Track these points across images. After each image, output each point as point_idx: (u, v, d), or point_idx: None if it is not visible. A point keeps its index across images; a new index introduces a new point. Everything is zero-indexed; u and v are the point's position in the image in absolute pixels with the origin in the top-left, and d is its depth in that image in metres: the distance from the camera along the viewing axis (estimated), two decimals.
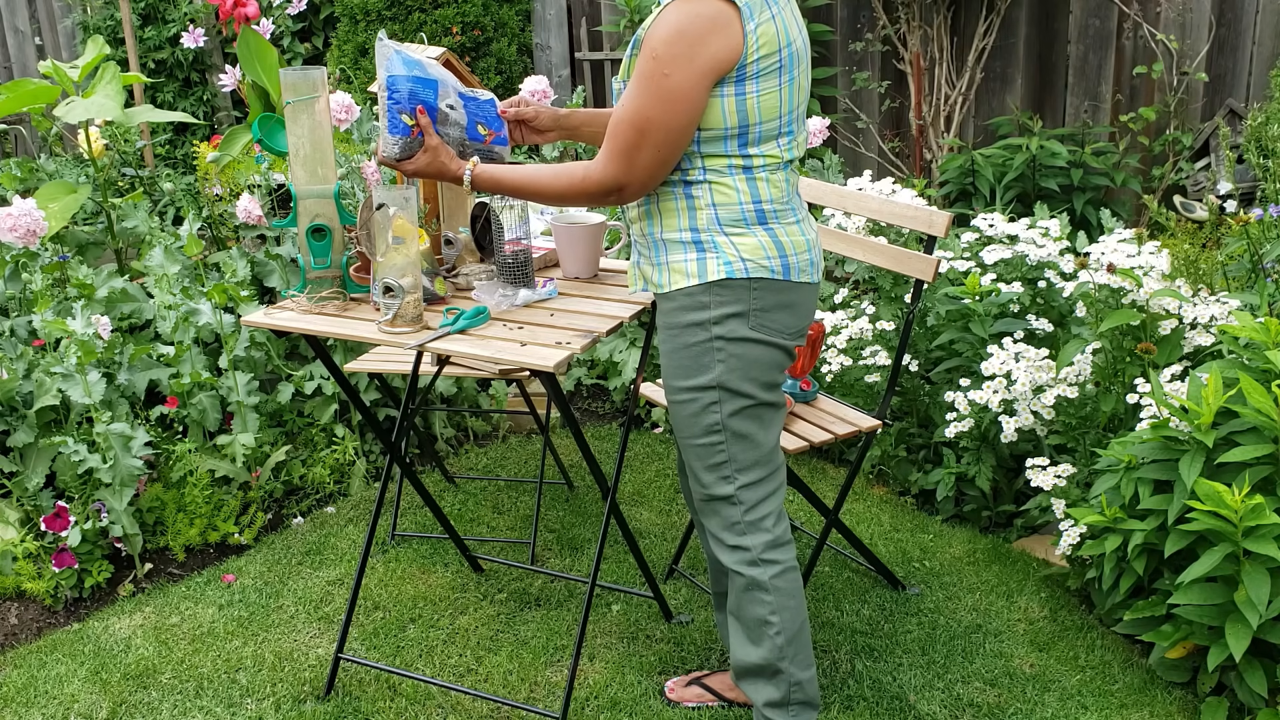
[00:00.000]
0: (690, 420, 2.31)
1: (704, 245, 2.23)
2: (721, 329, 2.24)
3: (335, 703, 2.78)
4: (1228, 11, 4.58)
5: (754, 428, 2.31)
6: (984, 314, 3.46)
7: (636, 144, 2.15)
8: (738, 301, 2.23)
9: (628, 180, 2.19)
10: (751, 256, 2.22)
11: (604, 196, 2.23)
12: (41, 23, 7.03)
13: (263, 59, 3.94)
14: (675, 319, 2.27)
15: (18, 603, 3.21)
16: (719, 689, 2.75)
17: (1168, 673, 2.77)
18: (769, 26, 2.14)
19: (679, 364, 2.29)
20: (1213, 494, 2.43)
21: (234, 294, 3.57)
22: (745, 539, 2.36)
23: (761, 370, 2.28)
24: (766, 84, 2.15)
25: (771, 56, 2.14)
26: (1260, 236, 3.19)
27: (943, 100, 5.03)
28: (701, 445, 2.32)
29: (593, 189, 2.22)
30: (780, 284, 2.25)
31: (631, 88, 2.15)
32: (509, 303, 2.51)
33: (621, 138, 2.17)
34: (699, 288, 2.23)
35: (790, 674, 2.41)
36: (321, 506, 3.70)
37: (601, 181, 2.21)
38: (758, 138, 2.19)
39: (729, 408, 2.28)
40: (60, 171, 4.45)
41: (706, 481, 2.35)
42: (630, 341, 4.22)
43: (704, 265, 2.23)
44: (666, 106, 2.12)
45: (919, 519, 3.53)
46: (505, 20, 5.64)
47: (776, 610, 2.37)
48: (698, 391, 2.28)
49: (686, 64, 2.10)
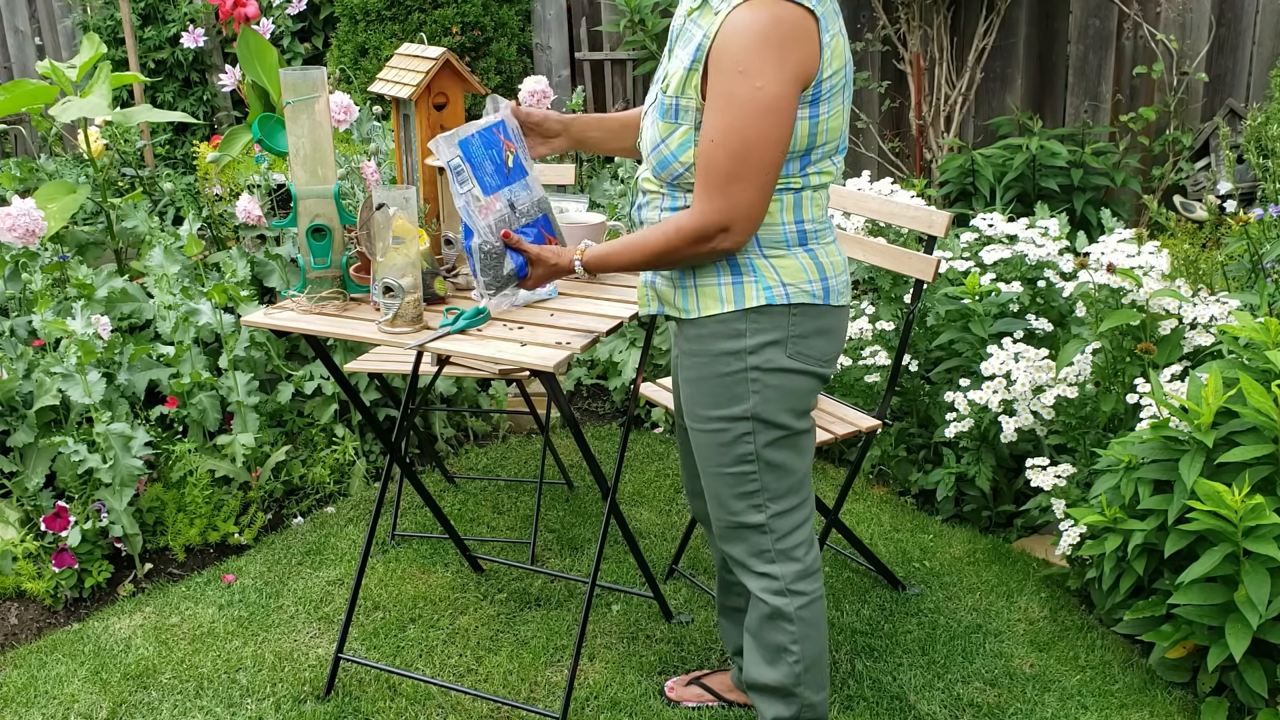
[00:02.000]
0: (720, 450, 2.20)
1: (741, 268, 2.10)
2: (757, 359, 2.11)
3: (335, 703, 2.78)
4: (1228, 11, 4.58)
5: (788, 456, 2.21)
6: (984, 314, 3.46)
7: (736, 173, 1.97)
8: (775, 329, 2.11)
9: (730, 217, 2.00)
10: (793, 281, 2.10)
11: (707, 243, 2.03)
12: (41, 23, 7.03)
13: (263, 59, 3.93)
14: (705, 346, 2.15)
15: (18, 603, 3.21)
16: (719, 689, 2.75)
17: (1168, 673, 2.77)
18: (839, 40, 2.03)
19: (708, 393, 2.17)
20: (1213, 494, 2.43)
21: (234, 294, 3.57)
22: (775, 567, 2.27)
23: (798, 400, 2.17)
24: (835, 103, 2.04)
25: (839, 74, 2.03)
26: (1260, 236, 3.19)
27: (943, 100, 5.03)
28: (732, 474, 2.21)
29: (692, 235, 2.03)
30: (820, 309, 2.14)
31: (716, 114, 1.97)
32: (509, 303, 2.51)
33: (717, 170, 1.98)
34: (735, 315, 2.10)
35: (804, 697, 2.34)
36: (321, 506, 3.70)
37: (702, 225, 2.01)
38: (820, 156, 2.08)
39: (763, 439, 2.16)
40: (60, 171, 4.45)
41: (736, 509, 2.24)
42: (630, 341, 4.22)
43: (741, 291, 2.10)
44: (766, 122, 1.95)
45: (919, 519, 3.53)
46: (505, 20, 5.64)
47: (798, 640, 2.29)
48: (730, 422, 2.16)
49: (778, 72, 1.93)
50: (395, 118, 2.67)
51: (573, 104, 4.93)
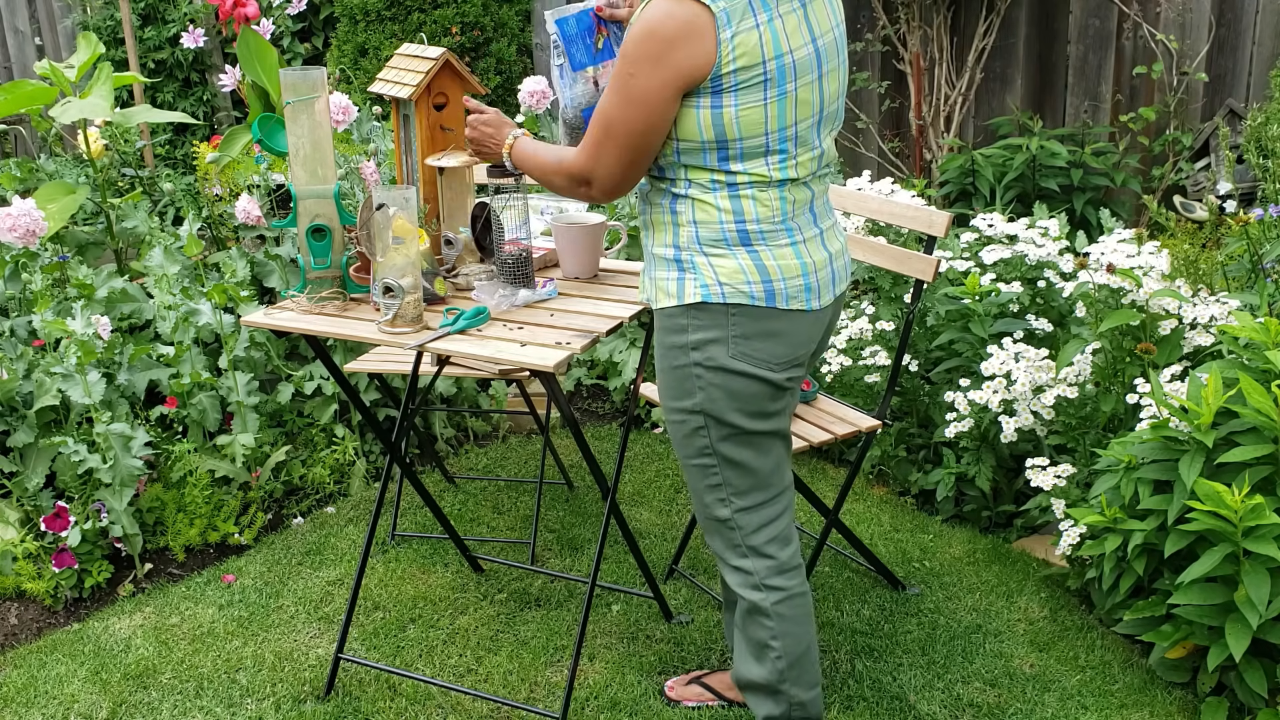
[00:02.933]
0: (683, 441, 2.25)
1: (684, 264, 2.14)
2: (700, 355, 2.15)
3: (335, 703, 2.78)
4: (1228, 11, 4.58)
5: (747, 455, 2.22)
6: (984, 314, 3.46)
7: (601, 140, 2.11)
8: (715, 327, 2.13)
9: (593, 174, 2.15)
10: (730, 281, 2.11)
11: (575, 186, 2.19)
12: (41, 23, 7.03)
13: (263, 59, 3.93)
14: (661, 338, 2.21)
15: (18, 603, 3.21)
16: (719, 688, 2.75)
17: (1168, 673, 2.77)
18: (750, 36, 2.00)
19: (667, 384, 2.23)
20: (1213, 494, 2.43)
21: (234, 294, 3.57)
22: (747, 562, 2.29)
23: (746, 401, 2.17)
24: (746, 98, 2.02)
25: (753, 69, 2.01)
26: (1260, 236, 3.19)
27: (943, 100, 5.03)
28: (695, 466, 2.26)
29: (566, 172, 2.20)
30: (762, 310, 2.12)
31: (609, 85, 2.12)
32: (509, 303, 2.51)
33: (592, 130, 2.13)
34: (678, 309, 2.15)
35: (792, 694, 2.36)
36: (321, 506, 3.70)
37: (573, 169, 2.18)
38: (739, 154, 2.07)
39: (716, 434, 2.20)
40: (60, 172, 4.45)
41: (706, 501, 2.29)
42: (630, 341, 4.22)
43: (682, 286, 2.15)
44: (627, 108, 2.06)
45: (919, 519, 3.53)
46: (505, 20, 5.64)
47: (778, 636, 2.31)
48: (685, 414, 2.21)
49: (651, 67, 2.01)
50: (395, 118, 2.67)
51: None
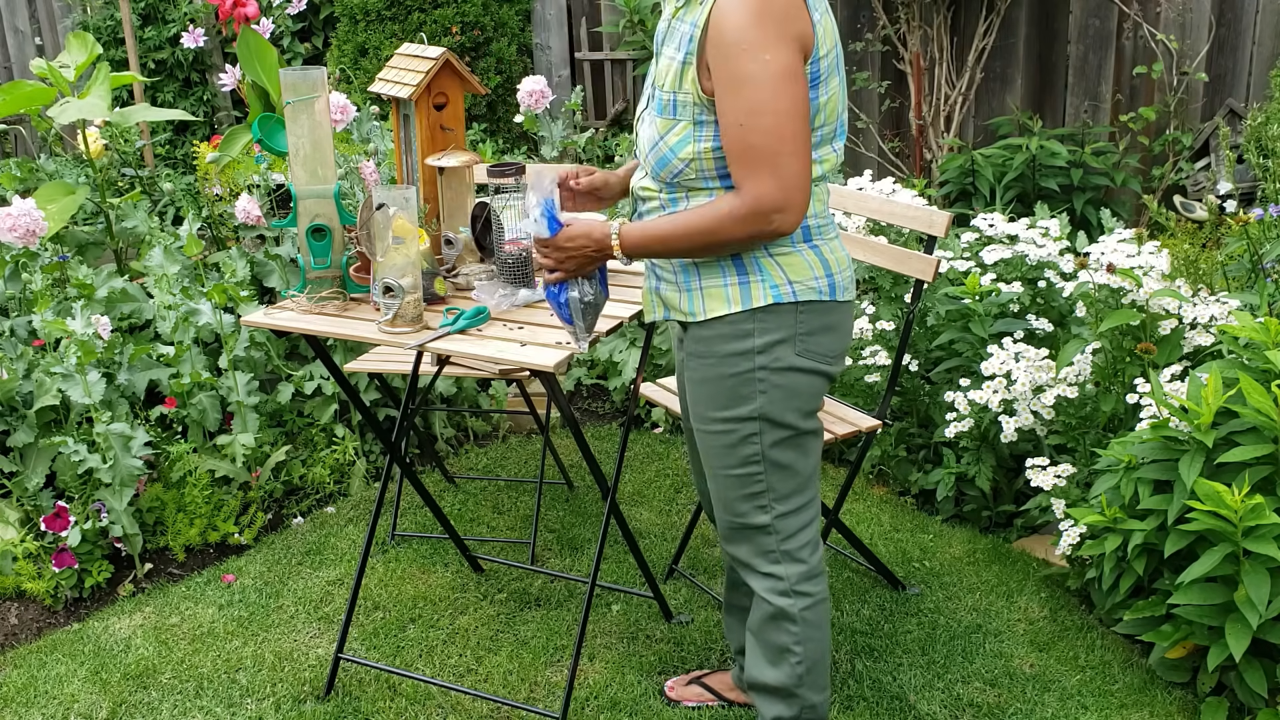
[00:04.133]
0: (726, 451, 2.18)
1: (746, 268, 2.08)
2: (765, 358, 2.10)
3: (335, 703, 2.78)
4: (1228, 11, 4.58)
5: (795, 457, 2.19)
6: (984, 314, 3.46)
7: (777, 149, 1.93)
8: (783, 328, 2.09)
9: (786, 194, 1.95)
10: (800, 278, 2.08)
11: (766, 225, 1.98)
12: (41, 23, 7.03)
13: (263, 59, 3.93)
14: (712, 348, 2.13)
15: (18, 603, 3.21)
16: (719, 689, 2.75)
17: (1168, 673, 2.77)
18: (827, 19, 2.02)
19: (714, 394, 2.15)
20: (1213, 494, 2.43)
21: (234, 294, 3.57)
22: (780, 568, 2.26)
23: (805, 400, 2.15)
24: (830, 84, 2.02)
25: (832, 54, 2.02)
26: (1260, 236, 3.19)
27: (943, 100, 5.03)
28: (738, 476, 2.20)
29: (745, 217, 1.98)
30: (827, 305, 2.11)
31: (733, 99, 1.94)
32: (509, 303, 2.51)
33: (757, 151, 1.94)
34: (742, 315, 2.09)
35: (805, 698, 2.33)
36: (321, 506, 3.70)
37: (757, 207, 1.96)
38: (819, 140, 2.05)
39: (769, 439, 2.15)
40: (60, 172, 4.45)
41: (741, 510, 2.23)
42: (630, 341, 4.22)
43: (748, 290, 2.08)
44: (785, 91, 1.91)
45: (919, 519, 3.53)
46: (505, 20, 5.64)
47: (801, 641, 2.28)
48: (736, 423, 2.15)
49: (778, 42, 1.90)
50: (395, 118, 2.67)
51: (572, 103, 4.93)
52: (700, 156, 2.04)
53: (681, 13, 2.05)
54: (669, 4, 2.11)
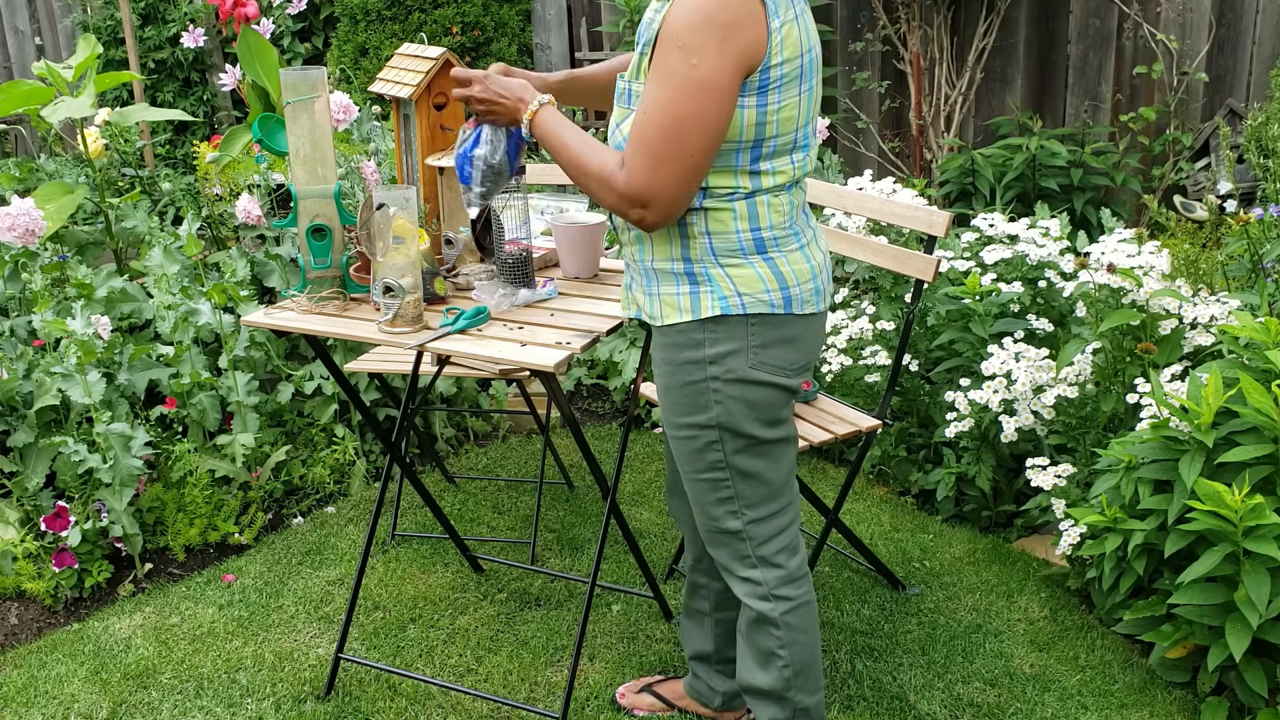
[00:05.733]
0: (693, 456, 2.18)
1: (697, 278, 2.07)
2: (717, 369, 2.08)
3: (335, 703, 2.78)
4: (1228, 11, 4.58)
5: (761, 465, 2.18)
6: (984, 314, 3.46)
7: (663, 152, 1.94)
8: (734, 339, 2.07)
9: (651, 194, 1.96)
10: (749, 290, 2.06)
11: (626, 207, 2.00)
12: (41, 23, 7.03)
13: (263, 59, 3.94)
14: (670, 354, 2.12)
15: (18, 603, 3.21)
16: (670, 697, 2.72)
17: (1168, 673, 2.77)
18: (792, 29, 1.96)
19: (675, 401, 2.15)
20: (1213, 494, 2.43)
21: (234, 294, 3.57)
22: (756, 572, 2.25)
23: (763, 410, 2.12)
24: (788, 94, 1.97)
25: (794, 62, 1.96)
26: (1260, 236, 3.19)
27: (943, 100, 5.03)
28: (707, 480, 2.20)
29: (617, 189, 1.99)
30: (781, 319, 2.08)
31: (653, 87, 1.94)
32: (509, 303, 2.51)
33: (648, 144, 1.94)
34: (692, 324, 2.07)
35: (797, 701, 2.32)
36: (321, 506, 3.70)
37: (626, 190, 1.98)
38: (772, 151, 2.02)
39: (731, 448, 2.14)
40: (59, 171, 4.45)
41: (715, 515, 2.23)
42: (630, 341, 4.22)
43: (697, 300, 2.07)
44: (699, 101, 1.90)
45: (919, 519, 3.53)
46: (505, 20, 5.64)
47: (785, 645, 2.27)
48: (698, 429, 2.14)
49: (716, 52, 1.89)
50: (395, 118, 2.67)
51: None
52: None
53: (658, 5, 2.05)
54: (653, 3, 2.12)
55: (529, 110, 2.16)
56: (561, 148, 2.09)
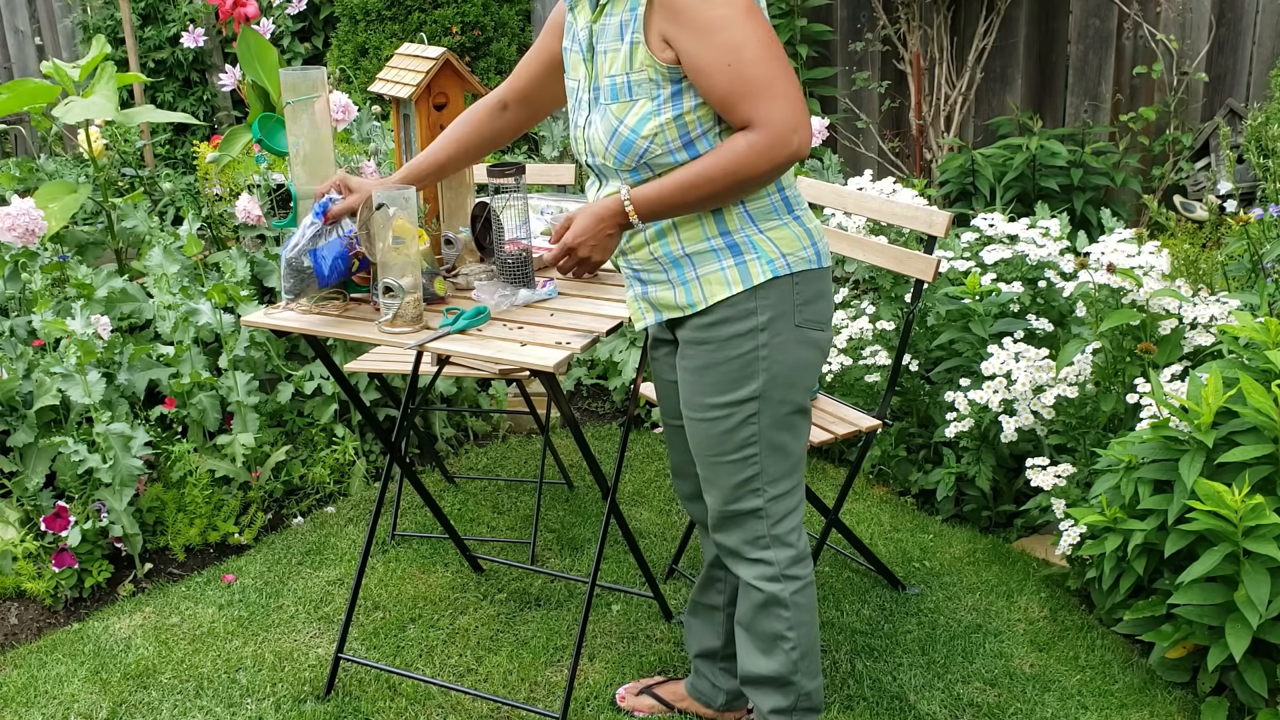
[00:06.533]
0: (722, 437, 2.19)
1: (740, 247, 2.11)
2: (768, 334, 2.12)
3: (335, 703, 2.78)
4: (1228, 11, 4.58)
5: (788, 437, 2.21)
6: (984, 314, 3.46)
7: (774, 72, 1.95)
8: (782, 301, 2.12)
9: (797, 113, 1.96)
10: (790, 250, 2.12)
11: (786, 148, 1.96)
12: (41, 23, 7.03)
13: (263, 59, 3.94)
14: (713, 334, 2.14)
15: (18, 603, 3.21)
16: (670, 699, 2.71)
17: (1168, 673, 2.77)
18: None
19: (714, 380, 2.16)
20: (1213, 494, 2.43)
21: (234, 294, 3.57)
22: (769, 553, 2.26)
23: (803, 373, 2.18)
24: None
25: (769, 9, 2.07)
26: (1260, 236, 3.19)
27: (943, 100, 5.03)
28: (733, 461, 2.21)
29: (766, 146, 1.97)
30: (816, 273, 2.16)
31: (719, 39, 1.94)
32: (509, 303, 2.51)
33: (757, 79, 1.94)
34: (744, 294, 2.11)
35: (800, 685, 2.34)
36: (321, 506, 3.70)
37: (775, 133, 1.96)
38: None
39: (767, 419, 2.17)
40: (60, 171, 4.45)
41: (734, 497, 2.24)
42: (630, 341, 4.22)
43: (745, 269, 2.10)
44: (760, 20, 1.96)
45: (919, 519, 3.53)
46: (505, 20, 5.64)
47: (794, 626, 2.29)
48: (735, 406, 2.16)
49: None
50: (395, 118, 2.67)
51: None
52: (664, 128, 2.05)
53: (608, 9, 2.06)
54: (582, 14, 2.12)
55: (628, 213, 2.09)
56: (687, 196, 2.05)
